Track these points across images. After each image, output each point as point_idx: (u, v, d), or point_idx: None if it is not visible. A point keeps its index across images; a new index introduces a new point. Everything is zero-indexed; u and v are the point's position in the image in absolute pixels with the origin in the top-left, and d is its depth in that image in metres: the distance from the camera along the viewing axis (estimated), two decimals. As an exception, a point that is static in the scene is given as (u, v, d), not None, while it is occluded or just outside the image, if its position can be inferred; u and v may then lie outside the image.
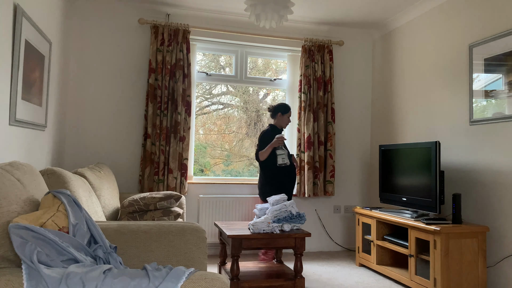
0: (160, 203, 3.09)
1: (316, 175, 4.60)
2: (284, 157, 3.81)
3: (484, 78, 3.33)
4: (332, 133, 4.67)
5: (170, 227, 1.97)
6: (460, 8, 3.64)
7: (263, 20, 3.35)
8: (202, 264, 1.94)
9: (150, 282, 1.38)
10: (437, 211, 3.28)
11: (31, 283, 1.32)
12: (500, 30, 3.21)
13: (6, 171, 1.64)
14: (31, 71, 2.85)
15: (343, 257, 4.44)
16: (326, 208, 4.81)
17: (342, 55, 4.95)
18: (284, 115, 3.93)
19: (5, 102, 2.45)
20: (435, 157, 3.29)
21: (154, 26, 4.25)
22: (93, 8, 4.23)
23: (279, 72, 5.01)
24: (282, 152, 3.82)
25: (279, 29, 4.73)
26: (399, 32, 4.53)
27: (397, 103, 4.49)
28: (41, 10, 3.07)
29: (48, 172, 2.30)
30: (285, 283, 3.14)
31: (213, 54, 4.81)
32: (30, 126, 2.90)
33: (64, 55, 3.90)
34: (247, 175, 4.88)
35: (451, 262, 3.03)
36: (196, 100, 4.68)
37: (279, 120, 3.95)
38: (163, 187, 4.17)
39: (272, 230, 3.13)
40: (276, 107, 3.96)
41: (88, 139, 4.19)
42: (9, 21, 2.46)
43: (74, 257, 1.50)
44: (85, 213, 1.77)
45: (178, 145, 4.21)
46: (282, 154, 3.81)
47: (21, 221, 1.48)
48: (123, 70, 4.30)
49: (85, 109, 4.19)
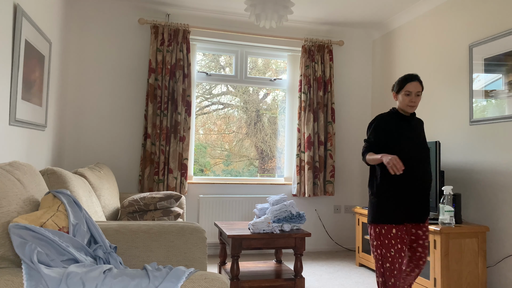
0: (160, 203, 3.09)
1: (316, 175, 4.59)
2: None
3: (484, 78, 3.33)
4: (332, 133, 4.67)
5: (170, 227, 1.97)
6: (460, 8, 3.64)
7: (263, 20, 3.35)
8: (202, 264, 1.94)
9: (150, 282, 1.38)
10: (437, 211, 3.27)
11: (31, 283, 1.32)
12: (500, 30, 3.21)
13: (6, 171, 1.64)
14: (31, 71, 2.85)
15: (343, 257, 4.44)
16: (326, 208, 4.81)
17: (342, 55, 4.95)
18: (399, 93, 2.54)
19: (5, 102, 2.45)
20: (435, 157, 3.29)
21: (154, 26, 4.25)
22: (93, 8, 4.23)
23: (279, 72, 5.01)
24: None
25: (279, 29, 4.73)
26: (399, 32, 4.53)
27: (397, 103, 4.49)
28: (41, 10, 3.07)
29: (48, 172, 2.30)
30: (285, 283, 3.14)
31: (213, 54, 4.81)
32: (30, 126, 2.90)
33: (64, 55, 3.90)
34: (247, 175, 4.88)
35: (451, 262, 3.02)
36: (196, 100, 4.68)
37: (399, 101, 2.57)
38: (163, 187, 4.17)
39: (272, 230, 3.13)
40: (392, 86, 2.64)
41: (88, 139, 4.19)
42: (9, 21, 2.46)
43: (74, 257, 1.50)
44: (85, 213, 1.77)
45: (178, 145, 4.21)
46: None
47: (21, 221, 1.48)
48: (123, 70, 4.30)
49: (85, 109, 4.19)
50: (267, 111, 4.98)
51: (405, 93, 2.49)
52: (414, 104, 2.49)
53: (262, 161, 4.95)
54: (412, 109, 2.51)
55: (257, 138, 4.92)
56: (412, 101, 2.48)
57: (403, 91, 2.50)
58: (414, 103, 2.48)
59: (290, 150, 4.77)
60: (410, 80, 2.49)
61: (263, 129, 4.92)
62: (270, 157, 4.93)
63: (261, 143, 4.93)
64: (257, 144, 4.93)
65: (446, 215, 3.03)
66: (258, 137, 4.91)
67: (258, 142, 4.93)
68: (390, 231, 2.38)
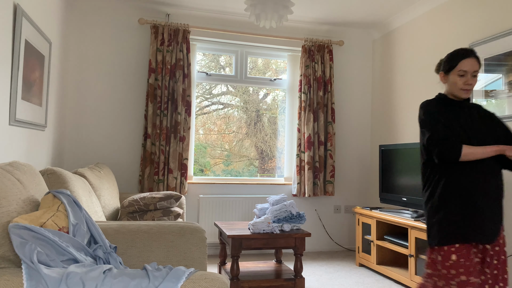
0: (160, 203, 3.09)
1: (316, 175, 4.59)
2: None
3: (484, 78, 3.33)
4: (332, 133, 4.67)
5: (170, 227, 1.97)
6: (460, 8, 3.64)
7: (263, 20, 3.35)
8: (202, 264, 1.94)
9: (150, 282, 1.38)
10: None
11: (31, 283, 1.32)
12: (500, 30, 3.21)
13: (6, 171, 1.64)
14: (31, 71, 2.85)
15: (343, 257, 4.44)
16: (326, 208, 4.81)
17: (342, 55, 4.95)
18: (450, 74, 1.99)
19: (5, 102, 2.45)
20: (435, 157, 3.28)
21: (154, 26, 4.25)
22: (93, 8, 4.23)
23: (279, 72, 5.01)
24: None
25: (279, 29, 4.73)
26: (399, 32, 4.53)
27: (397, 103, 4.49)
28: (41, 10, 3.07)
29: (48, 172, 2.30)
30: (285, 283, 3.14)
31: (213, 54, 4.81)
32: (30, 126, 2.90)
33: (64, 55, 3.90)
34: (247, 175, 4.88)
35: (451, 262, 3.01)
36: (196, 100, 4.68)
37: (448, 84, 2.01)
38: (163, 187, 4.17)
39: (272, 230, 3.13)
40: (438, 65, 2.11)
41: (88, 139, 4.19)
42: (9, 21, 2.46)
43: (74, 257, 1.50)
44: (85, 213, 1.77)
45: (178, 145, 4.21)
46: None
47: (21, 221, 1.48)
48: (123, 70, 4.30)
49: (85, 109, 4.19)
50: (267, 111, 4.98)
51: (459, 73, 1.93)
52: (470, 87, 1.94)
53: (262, 161, 4.95)
54: (467, 93, 1.95)
55: (257, 138, 4.92)
56: (468, 83, 1.93)
57: (456, 70, 1.93)
58: (470, 85, 1.94)
59: (290, 150, 4.77)
60: (465, 56, 1.92)
61: (263, 129, 4.92)
62: (270, 157, 4.93)
63: (261, 143, 4.93)
64: (257, 144, 4.93)
65: None
66: (258, 137, 4.91)
67: (258, 142, 4.93)
68: (461, 254, 1.82)
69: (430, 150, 1.92)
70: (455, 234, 1.83)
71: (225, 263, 3.58)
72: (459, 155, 1.83)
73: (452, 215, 1.86)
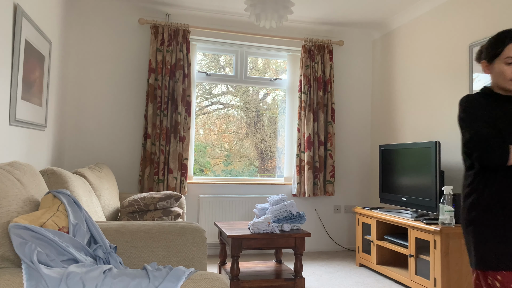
0: (160, 203, 3.09)
1: (316, 175, 4.59)
2: None
3: (484, 78, 3.33)
4: (332, 133, 4.67)
5: (170, 227, 1.97)
6: (460, 8, 3.64)
7: (263, 20, 3.35)
8: (202, 264, 1.94)
9: (150, 282, 1.38)
10: (437, 211, 3.27)
11: (31, 283, 1.32)
12: (500, 30, 3.20)
13: (6, 171, 1.63)
14: (31, 71, 2.85)
15: (343, 257, 4.44)
16: (326, 208, 4.81)
17: (342, 55, 4.95)
18: (494, 62, 1.66)
19: (5, 102, 2.45)
20: (435, 157, 3.29)
21: (154, 26, 4.25)
22: (93, 8, 4.23)
23: (279, 72, 5.00)
24: None
25: (279, 29, 4.73)
26: (399, 32, 4.53)
27: (397, 103, 4.49)
28: (41, 10, 3.07)
29: (48, 172, 2.30)
30: (285, 283, 3.14)
31: (213, 54, 4.81)
32: (30, 126, 2.90)
33: (64, 55, 3.90)
34: (247, 175, 4.88)
35: (451, 262, 3.02)
36: (196, 100, 4.68)
37: (494, 74, 1.68)
38: (163, 187, 4.17)
39: (272, 230, 3.13)
40: (478, 52, 1.78)
41: (88, 139, 4.19)
42: (9, 21, 2.46)
43: (74, 257, 1.50)
44: (85, 213, 1.77)
45: (178, 145, 4.21)
46: None
47: (21, 221, 1.48)
48: (123, 70, 4.30)
49: (85, 109, 4.19)
50: (267, 111, 4.98)
51: (506, 60, 1.59)
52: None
53: (262, 161, 4.95)
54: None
55: (257, 138, 4.92)
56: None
57: (502, 57, 1.60)
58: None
59: (290, 150, 4.77)
60: (507, 41, 1.59)
61: (263, 129, 4.92)
62: (270, 157, 4.93)
63: (261, 143, 4.93)
64: (257, 144, 4.93)
65: (446, 215, 3.03)
66: (258, 137, 4.91)
67: (258, 142, 4.93)
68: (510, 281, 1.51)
69: (469, 154, 1.64)
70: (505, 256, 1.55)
71: (225, 263, 3.58)
72: (507, 158, 1.51)
73: (501, 231, 1.56)
